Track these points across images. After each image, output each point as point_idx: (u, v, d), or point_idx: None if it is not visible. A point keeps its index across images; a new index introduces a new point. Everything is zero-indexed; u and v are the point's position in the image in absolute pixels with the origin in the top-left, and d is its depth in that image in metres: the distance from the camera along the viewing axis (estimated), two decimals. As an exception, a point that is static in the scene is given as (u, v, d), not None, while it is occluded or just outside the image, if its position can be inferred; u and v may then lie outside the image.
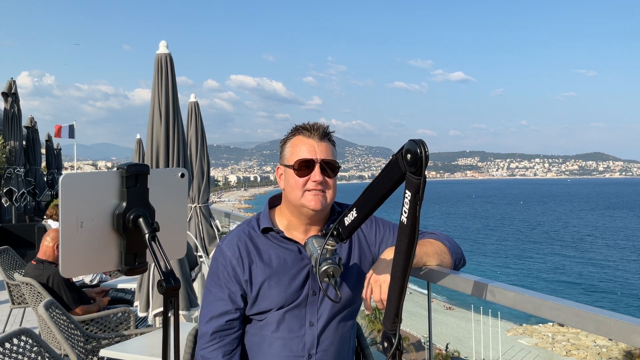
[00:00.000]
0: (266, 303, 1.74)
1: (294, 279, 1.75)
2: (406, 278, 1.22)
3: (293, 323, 1.74)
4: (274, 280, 1.74)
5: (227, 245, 1.81)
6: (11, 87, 10.83)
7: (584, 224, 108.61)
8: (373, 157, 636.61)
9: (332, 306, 1.77)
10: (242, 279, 1.75)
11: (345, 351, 1.83)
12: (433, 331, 2.46)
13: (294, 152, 1.76)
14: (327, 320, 1.77)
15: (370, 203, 1.34)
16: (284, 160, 1.80)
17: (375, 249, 1.90)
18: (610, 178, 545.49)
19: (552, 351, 34.36)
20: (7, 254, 6.15)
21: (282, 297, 1.73)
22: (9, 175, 10.76)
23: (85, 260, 1.02)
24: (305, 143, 1.75)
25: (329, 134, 1.80)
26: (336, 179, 1.80)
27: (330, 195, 1.76)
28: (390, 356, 1.27)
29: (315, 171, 1.72)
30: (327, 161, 1.74)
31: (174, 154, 4.07)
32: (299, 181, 1.72)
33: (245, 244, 1.79)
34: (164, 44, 4.05)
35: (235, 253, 1.78)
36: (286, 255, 1.78)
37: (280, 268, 1.76)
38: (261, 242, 1.80)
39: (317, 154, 1.73)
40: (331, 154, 1.77)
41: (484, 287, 1.80)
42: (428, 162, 1.09)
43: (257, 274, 1.75)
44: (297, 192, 1.73)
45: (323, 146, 1.76)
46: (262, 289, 1.74)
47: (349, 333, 1.86)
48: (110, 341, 3.43)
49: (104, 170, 1.05)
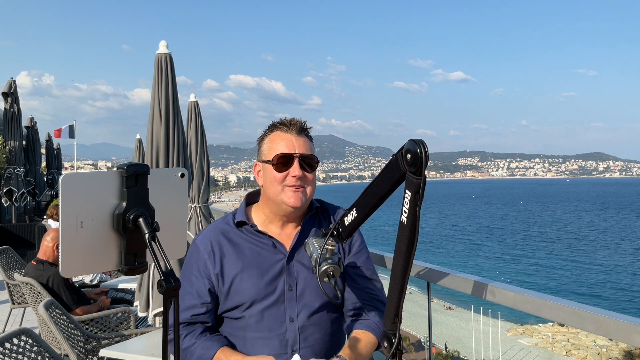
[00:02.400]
0: (239, 297, 1.73)
1: (266, 272, 1.74)
2: (406, 278, 1.22)
3: (272, 321, 1.72)
4: (246, 273, 1.73)
5: (200, 240, 1.82)
6: (11, 87, 10.83)
7: (580, 224, 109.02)
8: (373, 157, 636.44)
9: (312, 300, 1.75)
10: (212, 272, 1.75)
11: (333, 346, 1.80)
12: (433, 331, 2.46)
13: (272, 147, 1.75)
14: (308, 315, 1.74)
15: (370, 203, 1.34)
16: (262, 156, 1.79)
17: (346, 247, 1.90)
18: (610, 178, 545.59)
19: (552, 351, 34.34)
20: (7, 254, 6.15)
21: (255, 290, 1.71)
22: (9, 175, 10.76)
23: (85, 260, 1.02)
24: (283, 138, 1.74)
25: (306, 129, 1.79)
26: (315, 174, 1.79)
27: (310, 191, 1.77)
28: (390, 356, 1.27)
29: (294, 166, 1.71)
30: (305, 156, 1.73)
31: (174, 154, 4.07)
32: (278, 176, 1.72)
33: (218, 238, 1.80)
34: (164, 44, 4.05)
35: (207, 247, 1.78)
36: (259, 249, 1.78)
37: (253, 261, 1.75)
38: (235, 236, 1.81)
39: (295, 148, 1.73)
40: (309, 149, 1.76)
41: (484, 287, 1.80)
42: (428, 162, 1.09)
43: (229, 268, 1.75)
44: (276, 187, 1.73)
45: (301, 141, 1.75)
46: (235, 283, 1.73)
47: (335, 327, 1.83)
48: (110, 341, 3.43)
49: (104, 170, 1.05)
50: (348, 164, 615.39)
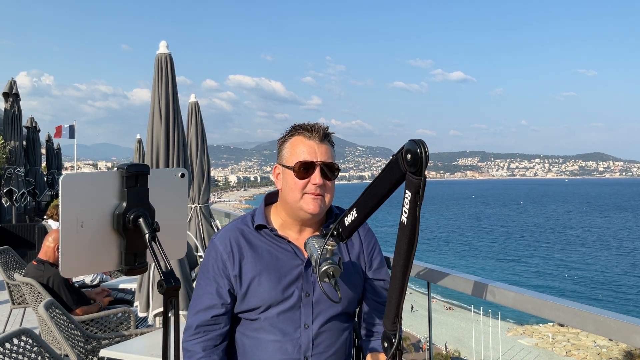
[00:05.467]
0: (255, 300, 1.72)
1: (284, 276, 1.73)
2: (406, 278, 1.22)
3: (287, 325, 1.71)
4: (264, 276, 1.72)
5: (220, 240, 1.80)
6: (12, 87, 10.83)
7: (576, 224, 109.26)
8: (373, 157, 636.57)
9: (327, 308, 1.75)
10: (231, 274, 1.74)
11: (342, 354, 1.81)
12: (433, 331, 2.46)
13: (293, 152, 1.73)
14: (322, 322, 1.75)
15: (371, 203, 1.34)
16: (282, 160, 1.78)
17: (367, 258, 1.90)
18: (610, 178, 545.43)
19: (552, 351, 34.33)
20: (7, 254, 6.15)
21: (272, 294, 1.71)
22: (9, 175, 10.76)
23: (85, 260, 1.02)
24: (305, 144, 1.73)
25: (329, 135, 1.77)
26: (335, 182, 1.78)
27: (329, 199, 1.76)
28: (390, 356, 1.27)
29: (315, 174, 1.70)
30: (327, 164, 1.72)
31: (174, 154, 4.07)
32: (299, 183, 1.71)
33: (237, 239, 1.78)
34: (164, 44, 4.05)
35: (227, 248, 1.77)
36: (278, 252, 1.77)
37: (271, 265, 1.74)
38: (254, 238, 1.79)
39: (317, 156, 1.71)
40: (331, 156, 1.75)
41: (484, 287, 1.80)
42: (428, 162, 1.09)
43: (248, 270, 1.74)
44: (296, 194, 1.72)
45: (323, 148, 1.73)
46: (252, 285, 1.73)
47: (346, 335, 1.83)
48: (110, 341, 3.43)
49: (104, 170, 1.05)
50: (348, 164, 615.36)
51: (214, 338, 1.73)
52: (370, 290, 1.88)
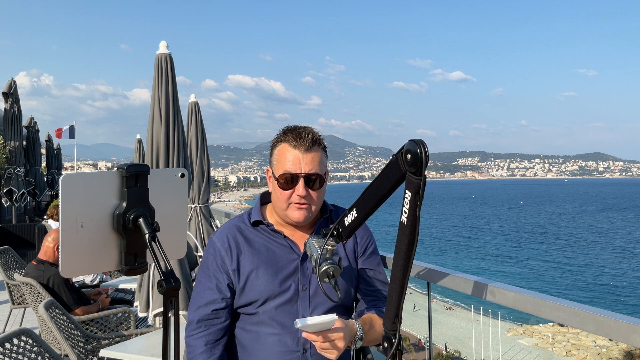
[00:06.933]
0: (253, 293, 1.75)
1: (281, 270, 1.77)
2: (406, 278, 1.22)
3: (286, 318, 1.74)
4: (261, 270, 1.76)
5: (218, 237, 1.85)
6: (12, 87, 10.83)
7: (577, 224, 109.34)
8: (373, 157, 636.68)
9: (324, 300, 1.78)
10: (229, 268, 1.78)
11: None
12: (433, 331, 2.46)
13: (279, 160, 1.74)
14: (320, 315, 1.76)
15: (371, 203, 1.34)
16: (271, 165, 1.81)
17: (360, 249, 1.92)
18: (610, 178, 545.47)
19: (552, 351, 34.33)
20: (7, 254, 6.15)
21: (269, 287, 1.74)
22: (9, 175, 10.76)
23: (85, 260, 1.02)
24: (291, 153, 1.71)
25: (317, 141, 1.74)
26: (324, 187, 1.79)
27: (315, 208, 1.78)
28: (390, 356, 1.27)
29: (299, 185, 1.71)
30: (311, 175, 1.71)
31: (174, 154, 4.07)
32: (284, 194, 1.74)
33: (234, 235, 1.83)
34: (164, 44, 4.05)
35: (225, 244, 1.81)
36: (275, 247, 1.81)
37: (268, 259, 1.78)
38: (251, 234, 1.84)
39: (302, 167, 1.70)
40: (318, 164, 1.72)
41: (484, 287, 1.80)
42: (428, 162, 1.09)
43: (245, 264, 1.78)
44: (282, 203, 1.76)
45: (309, 158, 1.70)
46: (250, 279, 1.76)
47: None
48: (110, 341, 3.43)
49: (104, 171, 1.05)
50: (348, 164, 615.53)
51: (215, 332, 1.76)
52: (362, 281, 1.91)
